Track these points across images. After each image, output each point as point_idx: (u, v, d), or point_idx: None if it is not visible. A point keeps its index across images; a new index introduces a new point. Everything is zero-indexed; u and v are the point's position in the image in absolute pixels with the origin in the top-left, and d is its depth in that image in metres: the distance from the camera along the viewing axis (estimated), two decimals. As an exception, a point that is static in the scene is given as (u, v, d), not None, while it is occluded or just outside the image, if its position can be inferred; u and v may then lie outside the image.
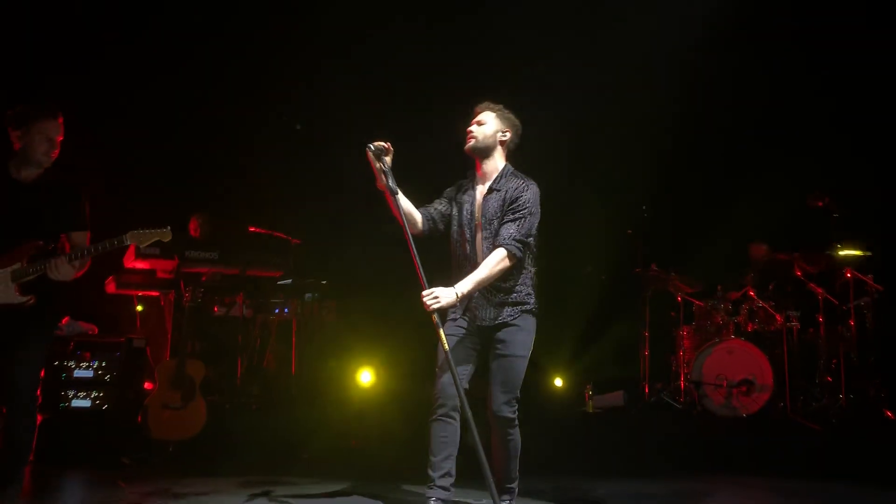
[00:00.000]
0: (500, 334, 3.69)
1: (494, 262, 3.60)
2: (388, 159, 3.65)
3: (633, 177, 8.40)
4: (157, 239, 3.83)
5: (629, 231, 7.68)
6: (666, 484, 4.94)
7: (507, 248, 3.61)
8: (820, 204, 6.96)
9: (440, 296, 3.49)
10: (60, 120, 3.76)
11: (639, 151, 8.43)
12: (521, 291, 3.72)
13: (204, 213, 7.13)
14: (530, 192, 3.71)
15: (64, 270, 3.62)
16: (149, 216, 6.99)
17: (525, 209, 3.66)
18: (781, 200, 7.96)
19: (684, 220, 8.36)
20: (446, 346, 3.40)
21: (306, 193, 8.15)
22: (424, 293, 3.48)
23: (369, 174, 3.78)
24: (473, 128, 3.82)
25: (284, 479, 4.69)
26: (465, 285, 3.56)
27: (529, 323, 3.72)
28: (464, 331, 3.73)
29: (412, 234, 3.59)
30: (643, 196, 7.85)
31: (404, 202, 3.74)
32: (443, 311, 3.57)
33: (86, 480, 4.70)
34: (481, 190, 3.82)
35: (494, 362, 3.67)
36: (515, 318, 3.69)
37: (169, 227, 3.86)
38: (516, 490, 3.83)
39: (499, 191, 3.75)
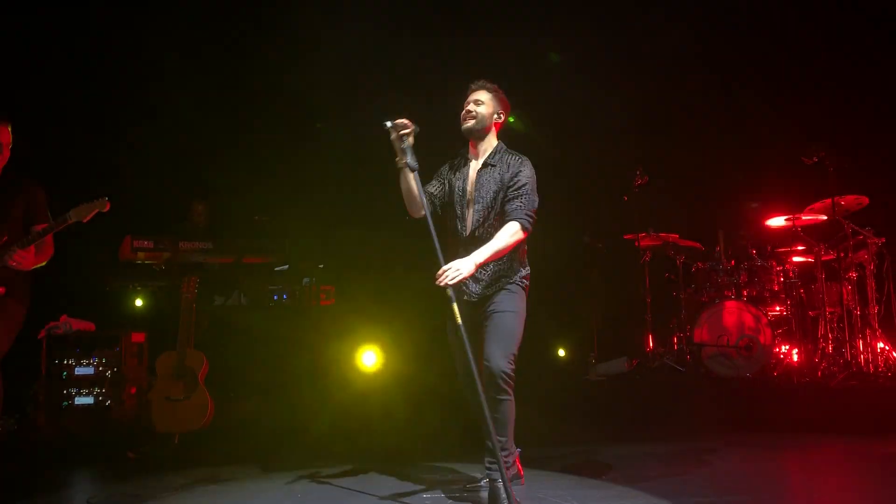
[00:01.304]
0: (490, 301, 3.70)
1: (510, 233, 3.62)
2: (410, 139, 3.62)
3: (626, 141, 8.34)
4: (97, 210, 3.95)
5: (625, 197, 7.63)
6: (670, 445, 4.97)
7: (520, 222, 3.64)
8: (815, 159, 6.90)
9: (461, 268, 3.49)
10: (9, 127, 3.98)
11: (631, 115, 8.36)
12: (513, 266, 3.75)
13: (204, 202, 7.13)
14: (528, 169, 3.75)
15: (18, 258, 3.88)
16: (148, 206, 7.08)
17: (527, 185, 3.70)
18: (777, 157, 7.91)
19: (680, 182, 8.30)
20: (458, 320, 3.37)
21: (302, 178, 8.12)
22: (445, 267, 3.47)
23: (362, 156, 3.80)
24: (472, 107, 3.82)
25: (290, 464, 4.70)
26: (482, 254, 3.56)
27: (519, 289, 3.74)
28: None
29: (414, 216, 3.68)
30: (637, 160, 7.79)
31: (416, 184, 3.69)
32: (458, 286, 3.56)
33: (92, 477, 4.71)
34: (475, 167, 3.84)
35: (488, 323, 3.66)
36: (504, 286, 3.71)
37: (106, 198, 3.96)
38: (513, 464, 3.73)
39: (494, 166, 3.77)
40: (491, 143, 3.85)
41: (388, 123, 3.59)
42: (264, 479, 4.43)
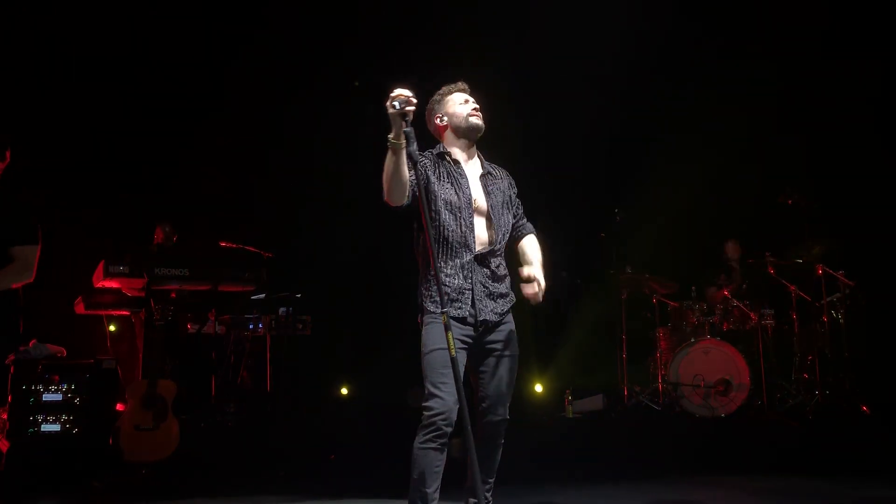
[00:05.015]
0: (501, 334, 3.45)
1: (538, 247, 3.62)
2: (410, 116, 3.11)
3: (604, 179, 8.42)
4: None
5: (602, 234, 7.68)
6: (644, 484, 4.94)
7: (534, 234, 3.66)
8: (790, 201, 7.02)
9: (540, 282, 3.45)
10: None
11: (608, 154, 8.45)
12: (509, 283, 3.57)
13: (167, 222, 7.04)
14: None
15: None
16: (114, 229, 7.01)
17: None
18: (753, 199, 8.03)
19: (657, 221, 8.37)
20: (453, 352, 2.99)
21: (277, 204, 8.08)
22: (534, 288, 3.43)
23: (340, 182, 3.66)
24: (475, 105, 3.51)
25: (262, 497, 4.62)
26: (539, 270, 3.51)
27: None
28: (462, 345, 3.29)
29: (394, 203, 3.22)
30: (615, 199, 7.85)
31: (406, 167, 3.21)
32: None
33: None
34: (473, 173, 3.49)
35: (500, 366, 3.42)
36: (509, 313, 3.51)
37: None
38: None
39: (493, 174, 3.56)
40: (475, 149, 3.58)
41: (396, 103, 3.05)
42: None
